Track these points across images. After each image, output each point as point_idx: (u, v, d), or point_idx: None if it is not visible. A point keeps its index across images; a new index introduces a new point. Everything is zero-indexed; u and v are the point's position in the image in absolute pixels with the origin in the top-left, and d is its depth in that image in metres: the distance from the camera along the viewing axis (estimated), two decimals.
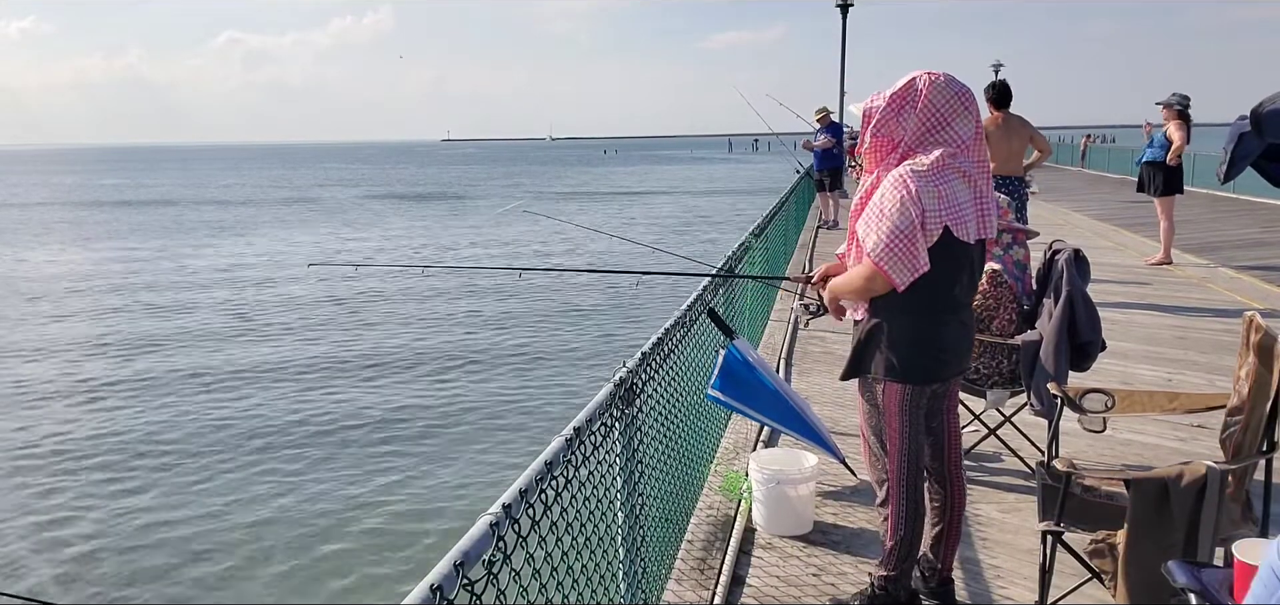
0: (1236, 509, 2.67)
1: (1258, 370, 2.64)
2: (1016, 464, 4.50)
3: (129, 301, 17.60)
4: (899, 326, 2.86)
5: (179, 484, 8.16)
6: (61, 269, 22.50)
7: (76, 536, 7.15)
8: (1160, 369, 6.42)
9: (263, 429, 9.61)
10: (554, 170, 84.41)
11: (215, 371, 12.00)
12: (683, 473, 3.85)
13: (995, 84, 8.44)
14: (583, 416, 2.30)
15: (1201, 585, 2.01)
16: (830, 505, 4.17)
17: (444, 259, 23.29)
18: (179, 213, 40.28)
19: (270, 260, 23.51)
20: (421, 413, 10.09)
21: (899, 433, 2.93)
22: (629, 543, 2.79)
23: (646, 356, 3.04)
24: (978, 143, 2.85)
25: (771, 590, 3.44)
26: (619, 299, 16.37)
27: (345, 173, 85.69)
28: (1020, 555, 3.65)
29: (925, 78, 2.83)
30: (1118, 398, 3.17)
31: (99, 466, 8.66)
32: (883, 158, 2.88)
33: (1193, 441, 4.93)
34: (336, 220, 35.82)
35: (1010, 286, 4.41)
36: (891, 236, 2.73)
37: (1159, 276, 10.15)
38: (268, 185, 64.48)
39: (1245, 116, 5.10)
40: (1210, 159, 19.49)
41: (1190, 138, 10.36)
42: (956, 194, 2.77)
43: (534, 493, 1.88)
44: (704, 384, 4.08)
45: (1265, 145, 5.02)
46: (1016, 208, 8.04)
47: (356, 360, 12.49)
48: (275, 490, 7.93)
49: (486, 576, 1.62)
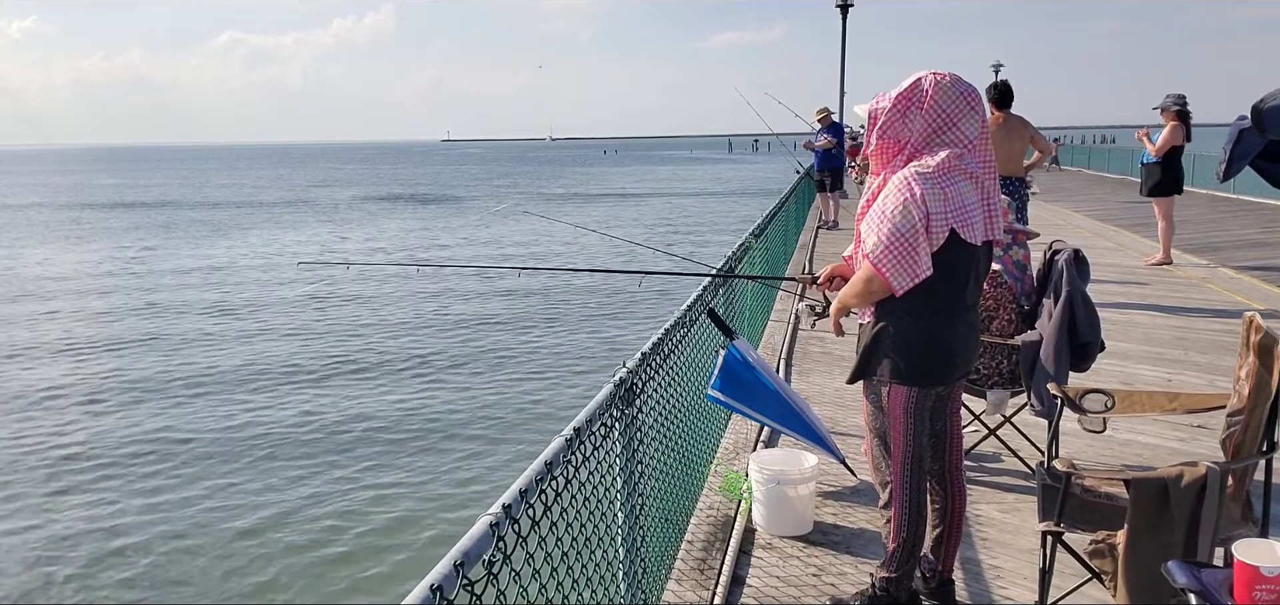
0: (1237, 509, 2.67)
1: (1258, 370, 2.64)
2: (1016, 464, 4.49)
3: (122, 302, 17.59)
4: (906, 329, 2.85)
5: (178, 483, 8.16)
6: (60, 268, 22.50)
7: (73, 536, 7.15)
8: (1160, 369, 6.42)
9: (261, 429, 9.61)
10: (552, 170, 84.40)
11: (214, 372, 11.99)
12: (683, 473, 3.85)
13: (996, 84, 8.44)
14: (583, 416, 2.31)
15: (1201, 585, 2.01)
16: (830, 505, 4.16)
17: (430, 256, 23.24)
18: (175, 213, 40.28)
19: (264, 261, 23.50)
20: (421, 413, 10.09)
21: (904, 434, 2.92)
22: (629, 543, 2.79)
23: (646, 356, 3.05)
24: (984, 143, 2.83)
25: (771, 590, 3.44)
26: (619, 300, 16.37)
27: (342, 173, 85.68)
28: (1020, 555, 3.65)
29: (931, 78, 2.82)
30: (1118, 398, 3.17)
31: (97, 467, 8.65)
32: (889, 159, 2.87)
33: (1193, 441, 4.92)
34: (334, 220, 35.82)
35: (1010, 287, 4.42)
36: (891, 238, 2.71)
37: (1159, 277, 10.15)
38: (266, 185, 64.48)
39: (1245, 116, 5.09)
40: (1210, 159, 19.47)
41: (1190, 135, 10.35)
42: (963, 196, 2.75)
43: (534, 493, 1.88)
44: (704, 384, 4.08)
45: (1265, 142, 5.02)
46: (1017, 208, 8.04)
47: (356, 361, 12.48)
48: (275, 490, 7.93)
49: (486, 576, 1.62)
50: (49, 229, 33.93)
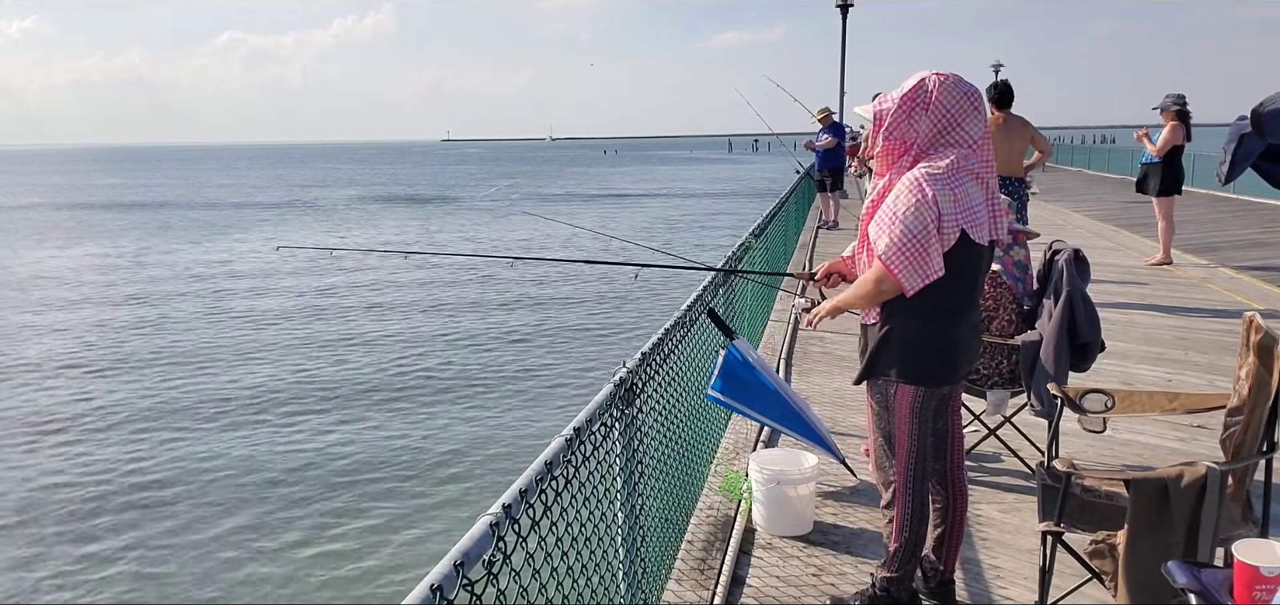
0: (1237, 509, 2.67)
1: (1258, 370, 2.64)
2: (1016, 464, 4.49)
3: (119, 302, 17.60)
4: (914, 329, 2.86)
5: (177, 485, 8.16)
6: (59, 267, 22.50)
7: (69, 536, 7.14)
8: (1160, 369, 6.42)
9: (260, 429, 9.61)
10: (551, 170, 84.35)
11: (214, 373, 12.00)
12: (683, 473, 3.85)
13: (996, 84, 8.44)
14: (583, 416, 2.31)
15: (1201, 585, 2.00)
16: (830, 505, 4.16)
17: (429, 259, 23.17)
18: (172, 213, 40.25)
19: (263, 260, 23.49)
20: (421, 413, 10.09)
21: (908, 435, 2.93)
22: (629, 543, 2.79)
23: (646, 356, 3.04)
24: (986, 142, 2.85)
25: (771, 590, 3.44)
26: (619, 300, 16.38)
27: (341, 173, 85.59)
28: (1020, 555, 3.65)
29: (935, 79, 2.82)
30: (1118, 398, 3.17)
31: (93, 470, 8.66)
32: (895, 160, 2.87)
33: (1193, 441, 4.92)
34: (332, 219, 35.81)
35: (1010, 288, 4.42)
36: (903, 239, 2.72)
37: (1159, 277, 10.15)
38: (264, 185, 64.44)
39: (1245, 117, 5.09)
40: (1210, 159, 19.47)
41: (1190, 135, 10.35)
42: (971, 196, 2.76)
43: (534, 493, 1.88)
44: (704, 384, 4.08)
45: (1265, 145, 5.02)
46: (1017, 208, 8.04)
47: (355, 360, 12.49)
48: (274, 490, 7.93)
49: (486, 576, 1.62)
50: (48, 229, 33.93)
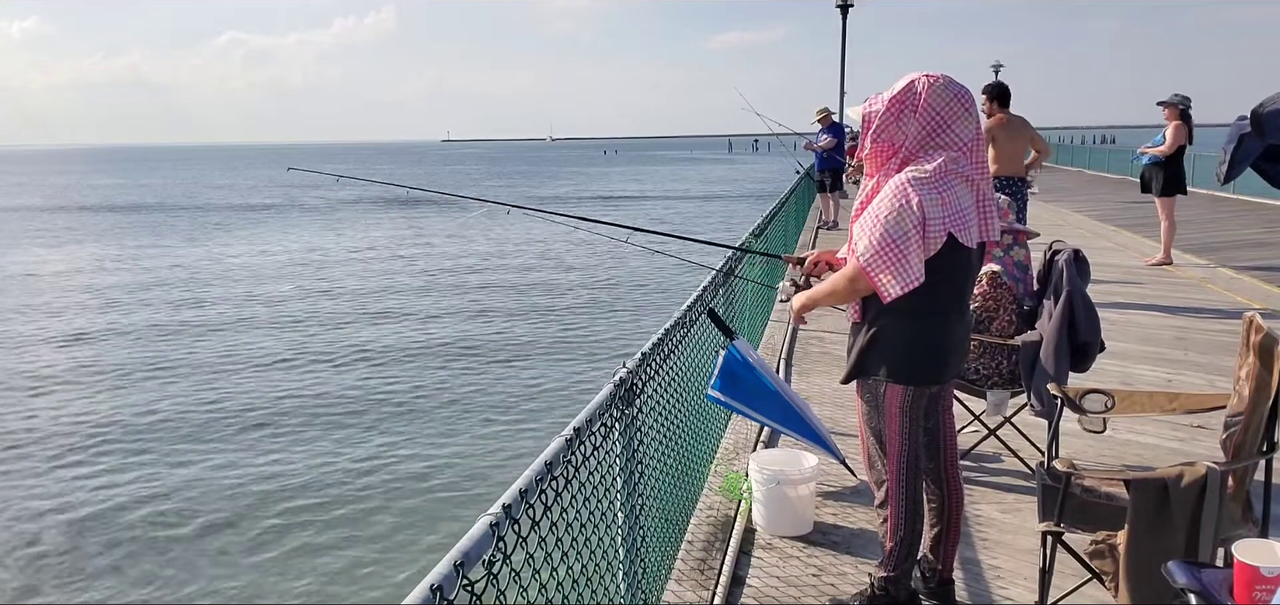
0: (1237, 509, 2.67)
1: (1258, 371, 2.63)
2: (1016, 464, 4.49)
3: (118, 301, 17.60)
4: (902, 329, 2.86)
5: (176, 486, 8.16)
6: (56, 265, 22.49)
7: (67, 537, 7.14)
8: (1160, 369, 6.42)
9: (260, 430, 9.61)
10: (550, 171, 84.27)
11: (213, 373, 11.99)
12: (683, 473, 3.85)
13: (996, 84, 8.45)
14: (583, 416, 2.31)
15: (1202, 585, 2.00)
16: (830, 506, 4.16)
17: (426, 258, 23.10)
18: (171, 214, 40.24)
19: (258, 260, 23.48)
20: (420, 413, 10.09)
21: (898, 434, 2.92)
22: (629, 543, 2.79)
23: (646, 356, 3.04)
24: (978, 145, 2.83)
25: (771, 590, 3.44)
26: (619, 299, 16.38)
27: (341, 173, 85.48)
28: (1020, 555, 3.65)
29: (924, 80, 2.81)
30: (1118, 398, 3.17)
31: (90, 468, 8.65)
32: (883, 163, 2.86)
33: (1193, 442, 4.92)
34: (329, 218, 35.78)
35: (1010, 288, 4.41)
36: (882, 243, 2.71)
37: (1159, 277, 10.15)
38: (263, 185, 64.39)
39: (1245, 117, 5.09)
40: (1210, 159, 19.47)
41: (1192, 138, 10.35)
42: (960, 200, 2.75)
43: (534, 493, 1.88)
44: (704, 384, 4.08)
45: (1265, 146, 5.01)
46: (1017, 208, 8.04)
47: (354, 361, 12.48)
48: (274, 491, 7.93)
49: (486, 576, 1.62)
50: (47, 228, 33.92)
